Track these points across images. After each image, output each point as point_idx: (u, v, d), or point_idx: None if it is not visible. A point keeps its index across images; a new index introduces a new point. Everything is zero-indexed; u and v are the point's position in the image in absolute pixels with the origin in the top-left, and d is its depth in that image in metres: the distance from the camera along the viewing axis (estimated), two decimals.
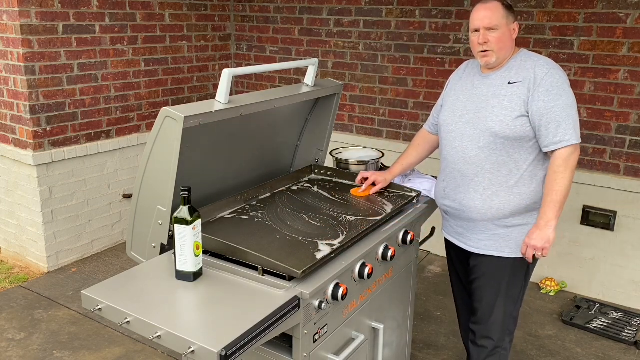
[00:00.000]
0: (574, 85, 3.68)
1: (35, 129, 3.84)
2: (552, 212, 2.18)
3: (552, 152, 2.18)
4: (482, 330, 2.46)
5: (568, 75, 3.69)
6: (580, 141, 2.17)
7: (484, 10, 2.20)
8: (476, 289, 2.46)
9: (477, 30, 2.22)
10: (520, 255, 2.31)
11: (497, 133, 2.20)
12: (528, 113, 2.16)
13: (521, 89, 2.18)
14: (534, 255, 2.26)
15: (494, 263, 2.36)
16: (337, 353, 2.06)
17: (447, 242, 2.59)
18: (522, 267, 2.37)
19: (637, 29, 3.43)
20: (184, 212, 1.82)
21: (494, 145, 2.22)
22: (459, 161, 2.32)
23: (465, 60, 3.17)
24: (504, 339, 2.45)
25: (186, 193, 1.83)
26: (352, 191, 2.61)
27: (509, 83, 2.21)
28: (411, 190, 2.58)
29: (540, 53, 3.73)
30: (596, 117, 3.67)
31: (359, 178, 2.65)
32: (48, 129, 3.92)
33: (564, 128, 2.13)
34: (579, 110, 3.71)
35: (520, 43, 3.79)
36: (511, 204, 2.26)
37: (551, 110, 2.13)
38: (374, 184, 2.60)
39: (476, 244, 2.38)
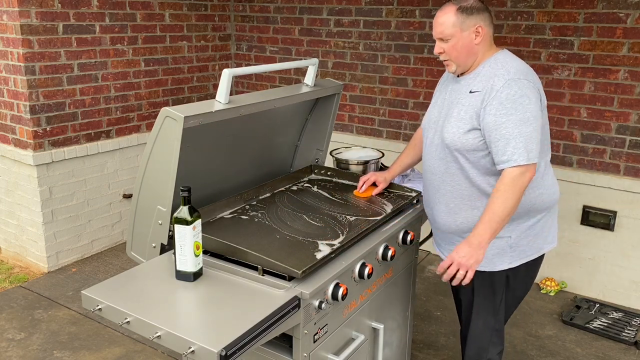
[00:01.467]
0: (574, 85, 3.70)
1: (35, 129, 3.84)
2: (486, 232, 1.99)
3: (502, 170, 2.01)
4: (465, 336, 2.41)
5: (568, 75, 3.70)
6: (532, 162, 1.96)
7: (436, 19, 2.09)
8: (459, 297, 2.43)
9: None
10: (495, 269, 2.19)
11: (449, 145, 2.10)
12: (480, 126, 2.02)
13: (477, 100, 2.03)
14: (452, 278, 2.05)
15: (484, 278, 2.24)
16: (337, 353, 2.06)
17: None
18: (499, 280, 2.23)
19: (637, 29, 3.43)
20: (184, 212, 1.82)
21: (450, 157, 2.12)
22: (427, 170, 2.28)
23: None
24: (487, 349, 2.34)
25: (186, 193, 1.83)
26: (355, 192, 2.60)
27: (470, 92, 2.08)
28: (411, 190, 2.58)
29: (540, 53, 3.74)
30: (596, 117, 3.67)
31: (360, 184, 2.62)
32: (48, 129, 3.92)
33: (512, 146, 1.94)
34: (579, 110, 3.74)
35: (521, 43, 3.80)
36: (475, 218, 2.12)
37: (501, 125, 1.96)
38: (374, 185, 2.60)
39: (448, 253, 2.29)
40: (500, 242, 2.16)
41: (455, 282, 2.05)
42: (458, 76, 2.19)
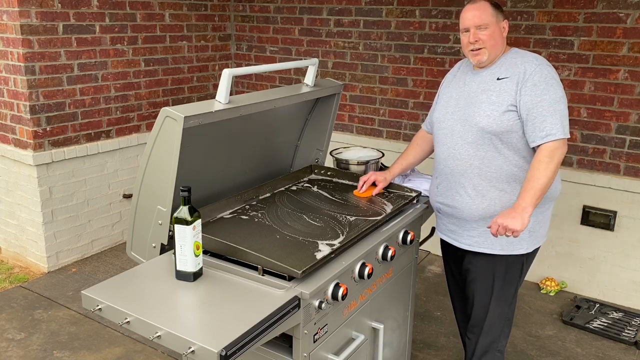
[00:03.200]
0: (574, 85, 3.70)
1: (35, 129, 3.84)
2: (530, 198, 2.09)
3: (538, 146, 2.16)
4: (477, 332, 2.46)
5: (568, 75, 3.70)
6: (567, 136, 2.15)
7: (473, 10, 2.23)
8: (470, 292, 2.46)
9: (467, 30, 2.25)
10: (514, 253, 2.30)
11: (484, 128, 2.20)
12: (516, 108, 2.17)
13: (509, 84, 2.19)
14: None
15: (486, 261, 2.36)
16: (337, 353, 2.06)
17: (442, 241, 2.59)
18: (516, 265, 2.36)
19: (637, 29, 3.43)
20: (184, 212, 1.82)
21: (482, 140, 2.23)
22: (448, 158, 2.33)
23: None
24: (499, 340, 2.45)
25: (186, 193, 1.83)
26: (355, 192, 2.61)
27: (498, 79, 2.23)
28: (411, 190, 2.58)
29: (540, 53, 3.74)
30: (596, 117, 3.67)
31: (360, 184, 2.64)
32: (48, 129, 3.92)
33: (550, 122, 2.12)
34: (579, 110, 3.74)
35: (521, 43, 3.80)
36: (502, 201, 2.25)
37: (538, 104, 2.13)
38: (374, 185, 2.60)
39: (468, 240, 2.37)
40: None
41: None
42: (476, 69, 2.31)
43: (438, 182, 2.43)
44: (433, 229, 2.88)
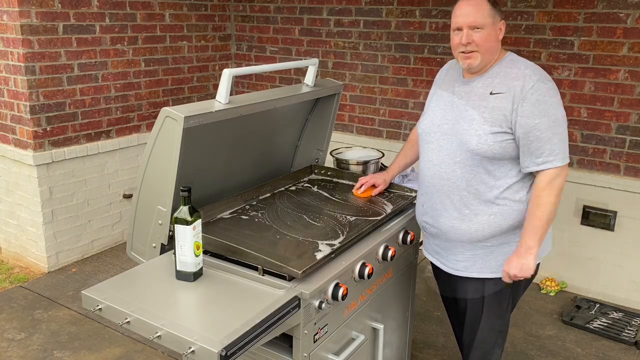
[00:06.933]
0: (574, 85, 3.70)
1: (35, 129, 3.84)
2: (532, 239, 1.98)
3: (537, 172, 1.99)
4: (468, 346, 2.35)
5: (568, 75, 3.70)
6: (567, 162, 1.98)
7: (467, 7, 1.99)
8: (460, 308, 2.32)
9: (459, 29, 2.01)
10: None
11: (474, 150, 2.00)
12: (511, 129, 1.96)
13: (504, 102, 1.96)
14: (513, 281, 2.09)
15: (474, 285, 2.19)
16: (337, 353, 2.06)
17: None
18: (505, 287, 2.18)
19: (637, 29, 3.43)
20: (184, 212, 1.82)
21: (472, 161, 2.03)
22: (434, 176, 2.14)
23: None
24: (492, 352, 2.31)
25: (186, 193, 1.83)
26: (354, 191, 2.60)
27: (491, 93, 2.00)
28: (411, 190, 2.58)
29: (540, 53, 3.74)
30: (596, 117, 3.67)
31: (358, 185, 2.59)
32: (48, 129, 3.92)
33: (548, 148, 1.93)
34: (579, 110, 3.74)
35: (521, 43, 3.80)
36: (491, 225, 2.07)
37: (535, 127, 1.92)
38: (374, 186, 2.59)
39: (455, 265, 2.20)
40: (509, 248, 2.11)
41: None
42: (466, 77, 2.11)
43: (423, 201, 2.25)
44: None
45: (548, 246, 2.24)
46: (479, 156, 2.02)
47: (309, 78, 2.58)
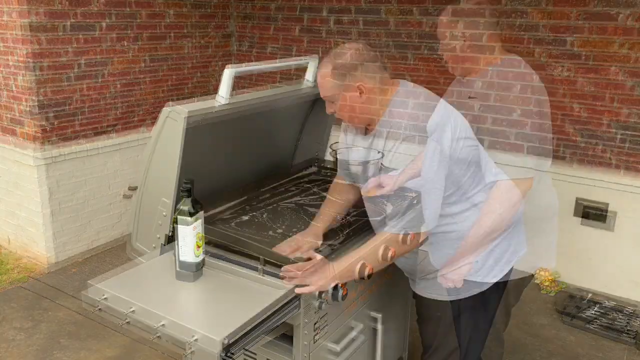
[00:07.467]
0: (572, 83, 3.69)
1: (36, 128, 3.84)
2: (467, 249, 1.96)
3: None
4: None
5: (561, 71, 3.68)
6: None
7: (317, 79, 1.98)
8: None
9: None
10: (464, 295, 2.05)
11: None
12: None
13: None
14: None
15: (433, 305, 2.13)
16: (337, 353, 2.06)
17: None
18: (474, 307, 2.08)
19: (633, 27, 3.43)
20: (186, 206, 1.82)
21: None
22: None
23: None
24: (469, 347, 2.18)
25: (188, 185, 1.83)
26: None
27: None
28: (411, 190, 2.57)
29: (534, 50, 3.72)
30: (595, 115, 3.66)
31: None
32: (49, 128, 3.91)
33: None
34: (578, 109, 3.73)
35: (516, 41, 3.79)
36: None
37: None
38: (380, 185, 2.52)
39: (416, 284, 2.18)
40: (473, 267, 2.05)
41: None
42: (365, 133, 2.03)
43: None
44: None
45: (522, 248, 2.17)
46: None
47: (310, 74, 2.58)
